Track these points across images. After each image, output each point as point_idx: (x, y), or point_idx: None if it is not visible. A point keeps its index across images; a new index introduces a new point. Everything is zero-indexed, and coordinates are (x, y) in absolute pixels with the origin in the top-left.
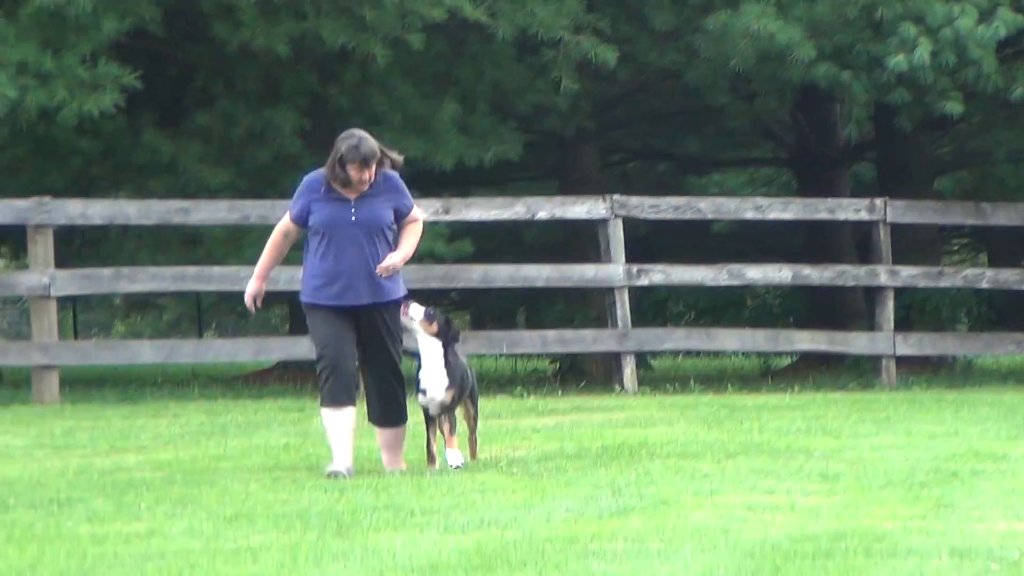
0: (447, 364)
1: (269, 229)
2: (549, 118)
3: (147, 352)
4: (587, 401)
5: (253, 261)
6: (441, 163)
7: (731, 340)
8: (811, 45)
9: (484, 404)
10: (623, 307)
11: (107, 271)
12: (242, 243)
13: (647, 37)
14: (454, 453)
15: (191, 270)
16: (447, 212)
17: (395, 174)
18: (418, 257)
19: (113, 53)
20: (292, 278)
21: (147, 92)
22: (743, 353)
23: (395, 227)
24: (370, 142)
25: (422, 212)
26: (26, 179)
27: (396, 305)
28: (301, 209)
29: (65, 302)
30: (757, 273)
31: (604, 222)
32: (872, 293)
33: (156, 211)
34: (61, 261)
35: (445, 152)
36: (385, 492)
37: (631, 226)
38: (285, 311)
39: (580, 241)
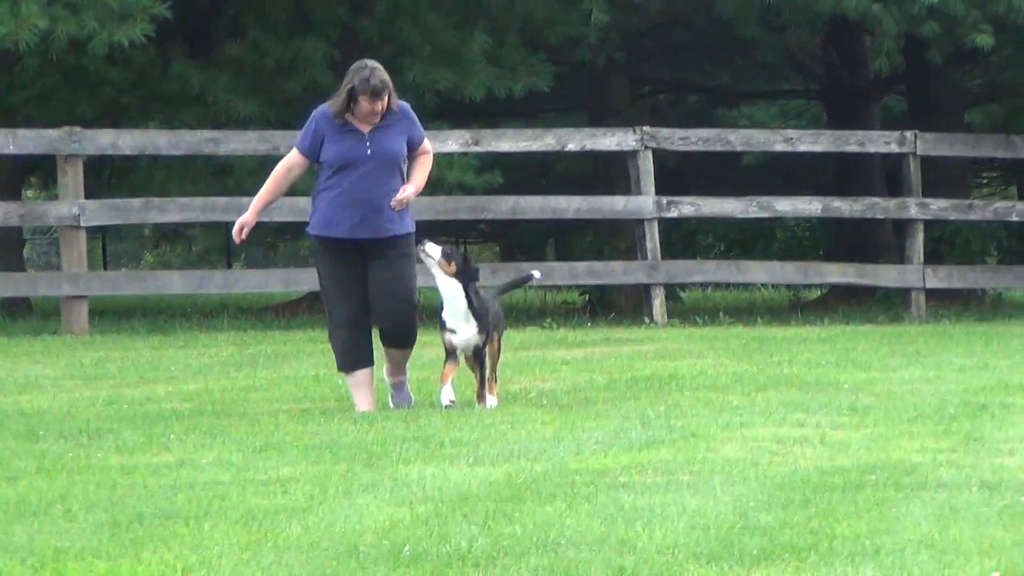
0: (471, 304)
1: None
2: (579, 49)
3: (176, 283)
4: (616, 333)
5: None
6: (471, 94)
7: (761, 272)
8: None
9: (514, 336)
10: (653, 239)
11: (137, 201)
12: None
13: None
14: (492, 398)
15: (221, 201)
16: (477, 143)
17: (407, 105)
18: (448, 188)
19: None
20: None
21: (177, 22)
22: (772, 285)
23: (407, 159)
24: (381, 73)
25: (431, 144)
26: (56, 109)
27: (406, 239)
28: (313, 142)
29: (95, 232)
30: (787, 205)
31: (634, 154)
32: (902, 226)
33: (186, 142)
34: (91, 191)
35: (475, 83)
36: (415, 424)
37: (661, 158)
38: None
39: (610, 173)
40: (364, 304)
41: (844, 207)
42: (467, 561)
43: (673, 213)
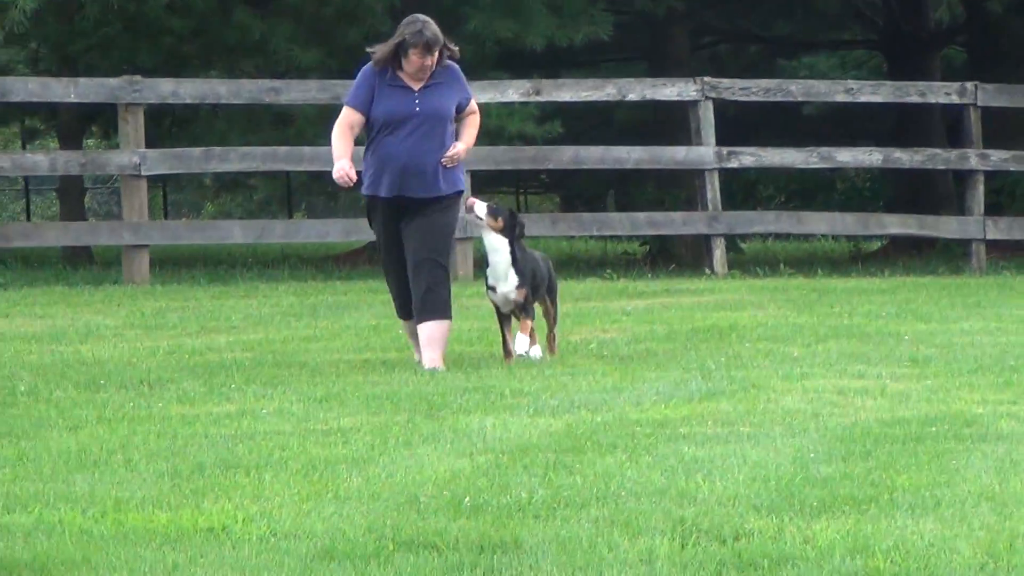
0: (515, 260)
1: None
2: None
3: (237, 232)
4: (677, 284)
5: None
6: (532, 44)
7: (821, 223)
8: None
9: (574, 287)
10: (713, 189)
11: (197, 151)
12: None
13: None
14: (522, 339)
15: (281, 150)
16: (538, 93)
17: (456, 65)
18: (508, 138)
19: None
20: None
21: None
22: (833, 237)
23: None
24: (434, 27)
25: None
26: (117, 58)
27: (453, 197)
28: (365, 97)
29: (155, 182)
30: (847, 156)
31: (695, 104)
32: (962, 177)
33: (247, 91)
34: (152, 140)
35: (536, 32)
36: (475, 375)
37: (721, 108)
38: None
39: (670, 123)
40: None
41: (904, 158)
42: (527, 512)
43: (734, 164)
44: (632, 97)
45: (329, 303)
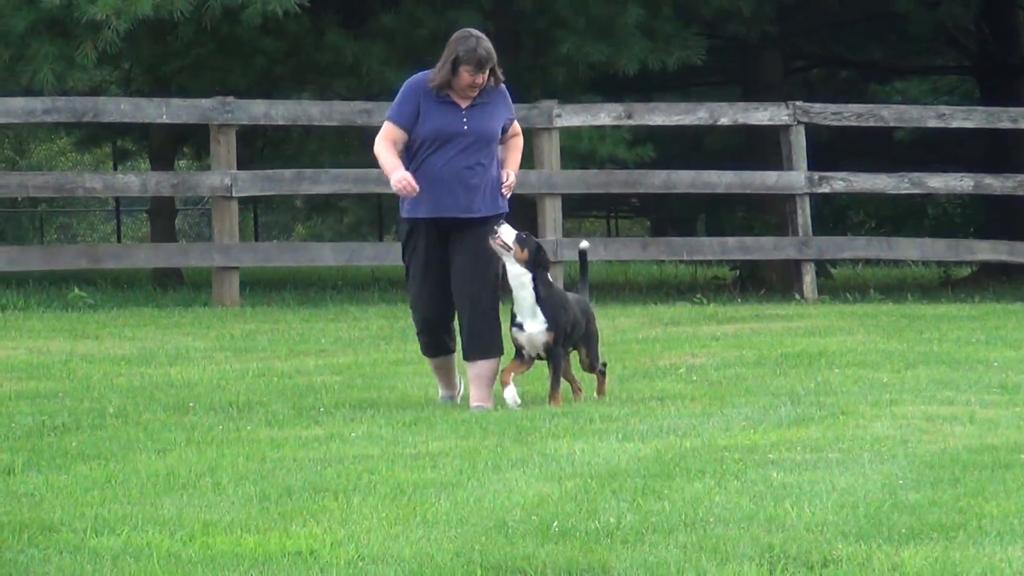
0: (539, 298)
1: None
2: (732, 23)
3: (328, 255)
4: (766, 309)
5: None
6: (624, 67)
7: (911, 249)
8: None
9: (664, 311)
10: (804, 214)
11: (289, 172)
12: None
13: None
14: (554, 405)
15: (373, 172)
16: (630, 117)
17: (504, 86)
18: (599, 162)
19: None
20: None
21: None
22: (923, 262)
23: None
24: (487, 43)
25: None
26: (210, 78)
27: (498, 220)
28: (411, 113)
29: (246, 203)
30: (938, 182)
31: (786, 128)
32: None
33: (339, 112)
34: (243, 162)
35: (629, 56)
36: (564, 400)
37: (813, 133)
38: None
39: (762, 147)
40: (447, 296)
41: (996, 184)
42: (615, 537)
43: (825, 189)
44: (724, 121)
45: None
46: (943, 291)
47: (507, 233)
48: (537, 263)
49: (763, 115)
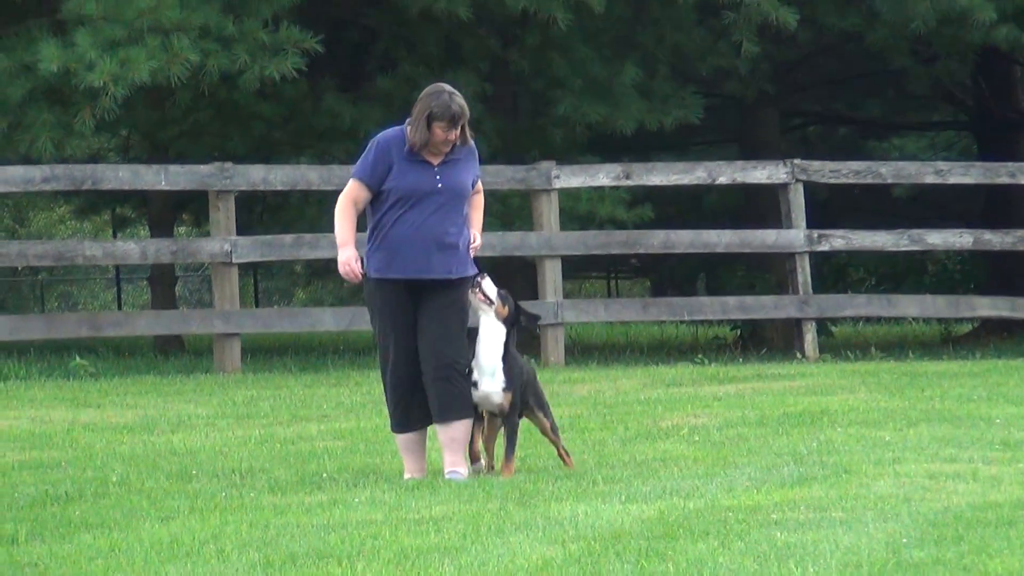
0: (506, 358)
1: None
2: (730, 81)
3: (328, 319)
4: (768, 368)
5: None
6: (622, 127)
7: (912, 306)
8: (992, 7)
9: (665, 372)
10: (804, 273)
11: (288, 237)
12: None
13: None
14: (507, 475)
15: (366, 239)
16: (628, 177)
17: (472, 143)
18: (599, 223)
19: (295, 17)
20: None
21: (328, 56)
22: (924, 319)
23: None
24: (460, 99)
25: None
26: (208, 144)
27: (468, 281)
28: (381, 173)
29: (246, 269)
30: (938, 238)
31: (785, 187)
32: None
33: (338, 176)
34: (243, 227)
35: (626, 116)
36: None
37: (811, 190)
38: None
39: (761, 206)
40: (417, 358)
41: (995, 239)
42: None
43: (824, 246)
44: (722, 180)
45: None
46: (944, 348)
47: (489, 287)
48: (514, 322)
49: (761, 173)
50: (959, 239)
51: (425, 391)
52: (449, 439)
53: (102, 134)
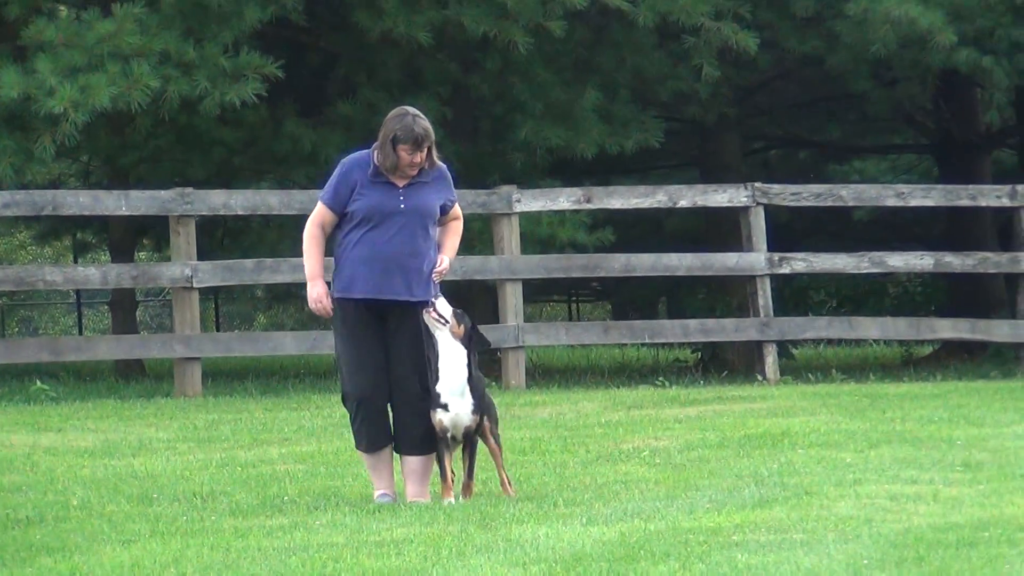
0: (471, 376)
1: None
2: (690, 105)
3: (289, 344)
4: (729, 391)
5: None
6: (582, 151)
7: (873, 328)
8: (952, 30)
9: (626, 395)
10: (765, 296)
11: (249, 262)
12: None
13: (788, 23)
14: (467, 497)
15: (332, 261)
16: (588, 201)
17: (444, 166)
18: (559, 246)
19: (255, 42)
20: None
21: (289, 81)
22: (885, 341)
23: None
24: (424, 121)
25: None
26: (168, 169)
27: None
28: (345, 196)
29: (207, 294)
30: (899, 261)
31: (746, 210)
32: (1014, 280)
33: (298, 201)
34: (203, 252)
35: (586, 140)
36: (528, 484)
37: (772, 214)
38: None
39: (721, 229)
40: (384, 377)
41: (956, 262)
42: None
43: (785, 269)
44: (683, 204)
45: None
46: (905, 370)
47: (443, 307)
48: (473, 340)
49: (722, 197)
50: (920, 261)
51: (391, 412)
52: (411, 471)
53: (63, 160)
